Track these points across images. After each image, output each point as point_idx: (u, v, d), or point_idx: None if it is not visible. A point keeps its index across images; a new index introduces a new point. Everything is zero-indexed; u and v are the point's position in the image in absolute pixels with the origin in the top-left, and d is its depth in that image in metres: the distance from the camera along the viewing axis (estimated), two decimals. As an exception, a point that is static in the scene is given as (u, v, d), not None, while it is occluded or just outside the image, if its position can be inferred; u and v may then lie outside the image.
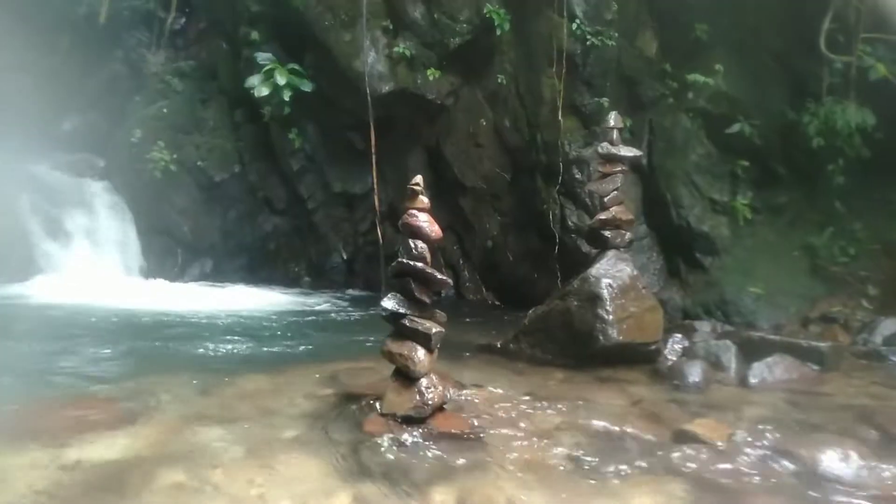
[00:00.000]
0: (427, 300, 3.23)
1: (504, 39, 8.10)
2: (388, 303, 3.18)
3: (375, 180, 8.10)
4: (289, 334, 6.12)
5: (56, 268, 8.61)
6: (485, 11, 7.83)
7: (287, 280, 9.54)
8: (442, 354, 3.56)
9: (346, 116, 8.80)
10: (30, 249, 8.61)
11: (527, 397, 3.96)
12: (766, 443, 3.23)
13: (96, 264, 8.82)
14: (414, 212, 3.22)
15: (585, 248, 7.74)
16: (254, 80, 8.25)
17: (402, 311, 3.19)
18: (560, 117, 7.73)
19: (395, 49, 8.06)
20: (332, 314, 7.29)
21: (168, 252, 9.38)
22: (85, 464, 2.66)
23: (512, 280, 8.58)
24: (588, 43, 7.62)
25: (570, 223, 7.82)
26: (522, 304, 8.20)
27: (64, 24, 12.64)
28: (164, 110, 9.56)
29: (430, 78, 8.08)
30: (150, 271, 9.16)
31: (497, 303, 8.80)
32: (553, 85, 7.86)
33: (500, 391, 4.06)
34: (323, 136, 9.11)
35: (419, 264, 3.16)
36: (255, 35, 8.81)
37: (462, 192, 8.72)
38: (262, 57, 8.38)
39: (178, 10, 12.38)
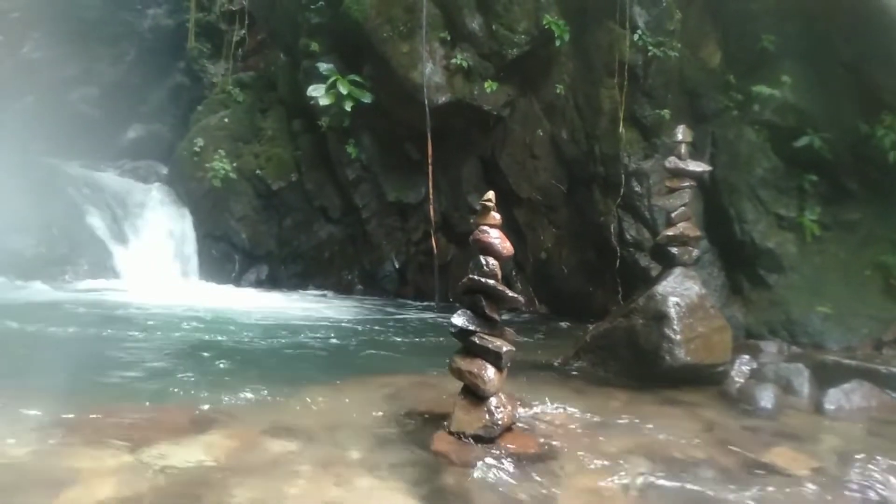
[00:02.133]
0: (497, 318, 3.19)
1: (562, 50, 8.02)
2: (458, 319, 3.15)
3: (431, 191, 8.11)
4: (345, 343, 6.15)
5: (121, 270, 8.93)
6: (544, 23, 7.77)
7: (340, 287, 9.65)
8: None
9: (401, 127, 8.87)
10: (97, 252, 8.95)
11: (592, 418, 3.88)
12: (852, 475, 3.07)
13: (158, 268, 9.10)
14: (485, 228, 3.18)
15: (644, 262, 7.63)
16: (317, 90, 8.38)
17: (471, 328, 3.16)
18: (620, 129, 7.61)
19: (453, 60, 8.08)
20: (387, 324, 7.31)
21: (226, 258, 9.62)
22: (166, 471, 2.71)
23: (566, 293, 8.46)
24: (649, 54, 7.48)
25: (628, 237, 7.67)
26: (576, 317, 8.09)
27: (130, 37, 13.18)
28: (226, 120, 9.82)
29: (488, 90, 8.07)
30: (209, 276, 9.41)
31: (550, 315, 8.68)
32: (612, 96, 7.75)
33: (564, 411, 3.98)
34: (379, 145, 9.19)
35: (490, 281, 3.12)
36: (314, 46, 8.97)
37: (516, 203, 8.66)
38: (325, 67, 8.52)
39: (239, 22, 12.78)
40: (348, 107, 8.41)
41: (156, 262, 9.12)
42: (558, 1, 8.01)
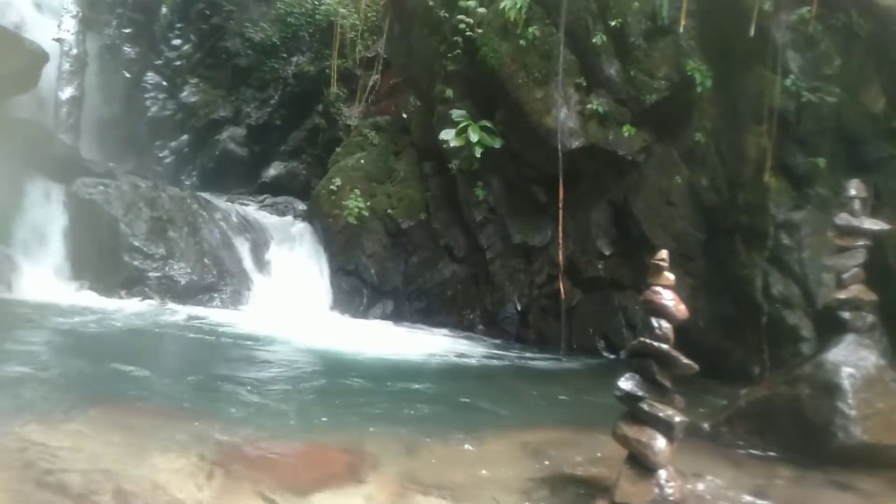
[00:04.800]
0: (668, 384, 3.05)
1: (704, 96, 7.76)
2: (626, 384, 3.04)
3: (560, 235, 8.03)
4: (476, 387, 6.13)
5: (260, 300, 9.49)
6: (686, 69, 7.57)
7: (461, 326, 9.70)
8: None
9: (531, 170, 8.90)
10: (240, 282, 9.58)
11: (757, 498, 3.59)
12: None
13: (294, 299, 9.60)
14: (658, 288, 3.08)
15: (792, 320, 7.10)
16: (448, 134, 8.63)
17: (639, 393, 3.03)
18: (767, 177, 7.20)
19: (588, 106, 8.04)
20: (513, 369, 7.23)
21: (355, 291, 10.00)
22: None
23: (702, 347, 7.96)
24: (803, 99, 7.06)
25: (774, 292, 7.17)
26: (712, 374, 7.54)
27: (276, 82, 14.25)
28: (362, 161, 10.32)
29: (626, 135, 7.94)
30: (339, 309, 9.81)
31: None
32: (759, 143, 7.36)
33: (723, 485, 3.71)
34: (506, 188, 9.27)
35: (664, 346, 3.00)
36: (449, 92, 9.25)
37: (649, 250, 8.27)
38: (457, 114, 8.76)
39: (373, 67, 13.50)
40: (478, 152, 8.57)
41: (293, 293, 9.62)
42: (701, 46, 7.79)
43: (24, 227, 8.88)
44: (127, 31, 16.15)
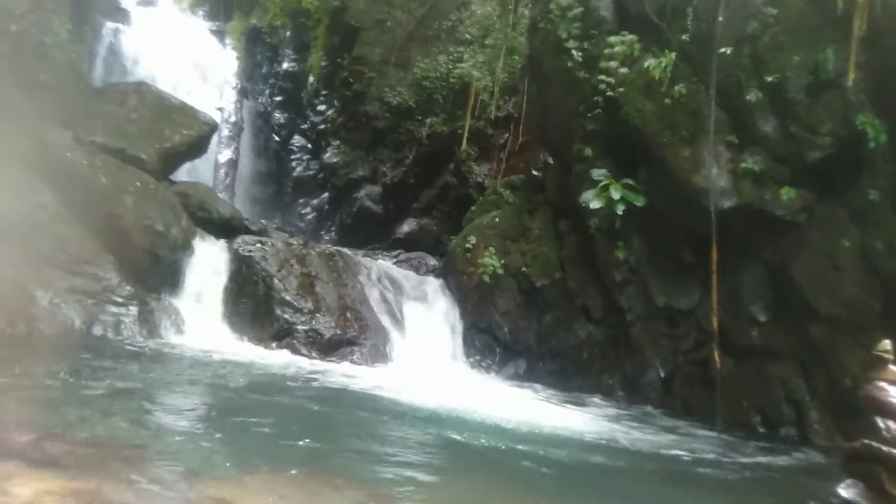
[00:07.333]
0: (898, 494, 2.70)
1: (878, 152, 7.16)
2: (847, 492, 2.73)
3: (715, 299, 7.59)
4: (638, 462, 5.78)
5: (396, 356, 9.66)
6: (857, 123, 7.05)
7: (599, 390, 9.32)
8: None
9: (676, 230, 8.57)
10: (378, 337, 9.83)
11: None
12: None
13: (428, 356, 9.70)
14: (882, 384, 2.77)
15: None
16: (588, 195, 8.55)
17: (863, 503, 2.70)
18: (961, 242, 6.45)
19: (743, 164, 7.67)
20: (668, 443, 6.73)
21: (488, 349, 9.96)
22: None
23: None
24: None
25: (975, 372, 6.29)
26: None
27: (410, 143, 14.91)
28: (496, 220, 10.44)
29: (785, 197, 7.47)
30: (472, 366, 9.79)
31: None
32: (948, 203, 6.64)
33: None
34: (649, 248, 8.97)
35: (893, 451, 2.67)
36: (588, 151, 9.20)
37: (813, 317, 7.69)
38: (597, 173, 8.69)
39: (503, 126, 13.80)
40: (620, 210, 8.41)
41: (427, 349, 9.75)
42: (872, 99, 7.23)
43: (192, 280, 9.71)
44: (278, 98, 17.74)
